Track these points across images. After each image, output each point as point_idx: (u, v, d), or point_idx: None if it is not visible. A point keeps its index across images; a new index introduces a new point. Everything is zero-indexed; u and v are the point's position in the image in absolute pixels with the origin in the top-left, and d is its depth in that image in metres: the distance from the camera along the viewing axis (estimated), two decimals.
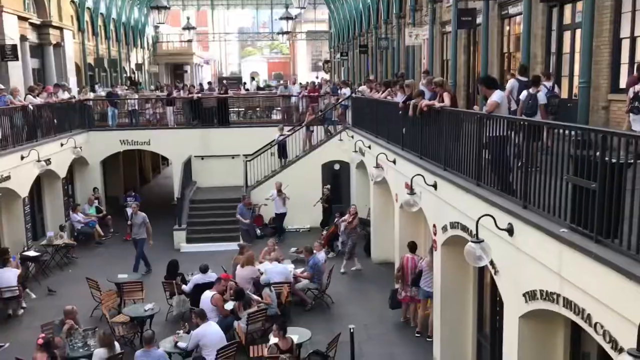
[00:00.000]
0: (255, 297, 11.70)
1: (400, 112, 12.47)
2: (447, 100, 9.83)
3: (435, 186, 9.78)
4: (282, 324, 9.67)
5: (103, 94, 25.30)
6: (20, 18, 22.59)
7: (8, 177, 14.69)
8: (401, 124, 12.73)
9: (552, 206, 6.10)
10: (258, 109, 25.80)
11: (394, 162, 12.86)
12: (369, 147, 15.81)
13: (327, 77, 46.54)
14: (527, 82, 10.47)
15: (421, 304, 11.71)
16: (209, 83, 31.03)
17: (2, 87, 16.34)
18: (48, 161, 16.50)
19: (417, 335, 11.65)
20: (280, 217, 18.69)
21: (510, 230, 6.75)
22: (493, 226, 6.86)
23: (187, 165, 20.81)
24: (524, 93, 10.05)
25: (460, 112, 9.40)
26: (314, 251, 13.73)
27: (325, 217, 18.93)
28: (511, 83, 10.95)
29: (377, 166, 13.00)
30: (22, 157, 15.27)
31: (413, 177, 9.85)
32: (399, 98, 12.99)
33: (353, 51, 40.47)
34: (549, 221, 6.10)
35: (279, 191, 18.35)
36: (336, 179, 20.79)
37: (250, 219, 17.99)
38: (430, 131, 10.69)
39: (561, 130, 6.21)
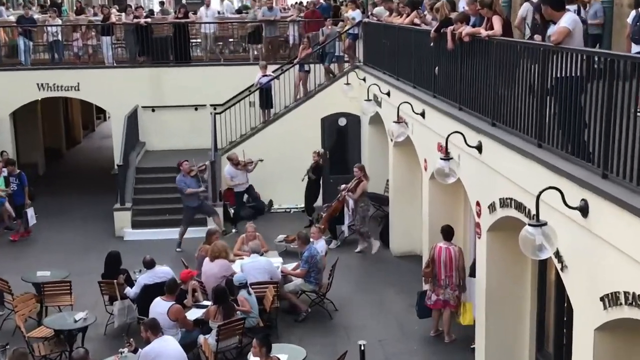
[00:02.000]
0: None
1: (432, 43, 12.38)
2: (497, 27, 9.75)
3: (479, 148, 9.77)
4: (264, 339, 9.73)
5: (12, 18, 25.03)
6: None
7: None
8: (433, 62, 12.64)
9: None
10: (232, 40, 25.57)
11: (423, 114, 12.82)
12: (388, 93, 15.76)
13: None
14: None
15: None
16: (161, 3, 30.68)
17: None
18: None
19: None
20: (248, 191, 18.63)
21: (584, 209, 6.76)
22: (560, 204, 6.87)
23: (132, 120, 20.75)
24: (633, 13, 9.97)
25: (516, 43, 9.33)
26: (311, 239, 13.78)
27: (310, 195, 18.77)
28: (525, 7, 11.04)
29: (399, 121, 12.96)
30: None
31: (449, 135, 9.82)
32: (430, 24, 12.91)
33: None
34: (639, 196, 6.10)
35: (237, 164, 18.18)
36: (342, 139, 20.76)
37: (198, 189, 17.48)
38: (473, 71, 10.63)
39: None
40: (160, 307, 11.12)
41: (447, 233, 12.01)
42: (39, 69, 21.80)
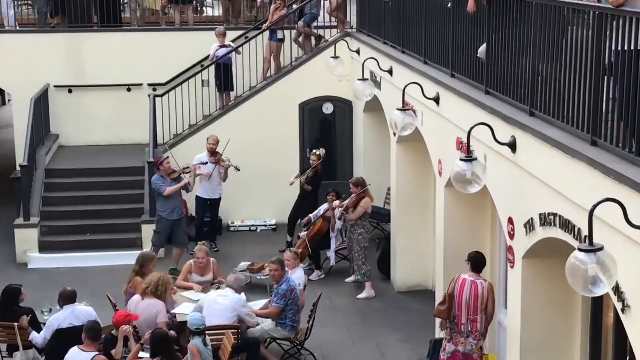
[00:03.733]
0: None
1: (449, 4, 12.46)
2: None
3: (512, 146, 9.82)
4: None
5: None
6: None
7: None
8: (451, 28, 12.71)
9: None
10: None
11: (437, 100, 12.90)
12: (390, 71, 15.83)
13: None
14: None
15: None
16: None
17: None
18: None
19: None
20: (214, 205, 18.60)
21: None
22: (621, 221, 6.90)
23: (42, 105, 20.71)
24: None
25: (563, 4, 9.40)
26: (286, 268, 13.79)
27: (299, 210, 18.67)
28: None
29: (405, 108, 13.00)
30: None
31: (472, 128, 9.87)
32: None
33: None
34: None
35: (214, 154, 18.08)
36: (327, 131, 20.85)
37: (179, 205, 17.42)
38: (506, 42, 10.71)
39: None
40: (78, 358, 11.09)
41: (478, 262, 11.86)
42: None
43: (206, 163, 17.99)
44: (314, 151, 18.73)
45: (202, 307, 12.82)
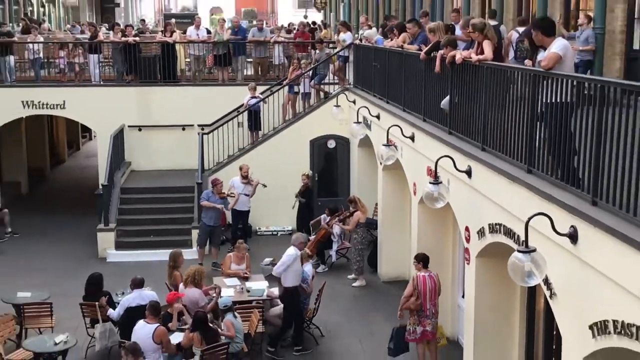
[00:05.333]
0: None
1: (422, 67, 12.49)
2: (488, 52, 9.83)
3: (469, 173, 9.82)
4: None
5: None
6: None
7: None
8: (423, 85, 12.73)
9: (633, 203, 6.13)
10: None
11: (412, 138, 12.90)
12: (377, 116, 15.83)
13: (319, 17, 46.45)
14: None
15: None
16: (142, 21, 30.66)
17: None
18: None
19: None
20: (243, 216, 18.50)
21: (573, 236, 6.79)
22: (549, 230, 6.89)
23: (118, 140, 20.76)
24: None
25: (506, 67, 9.41)
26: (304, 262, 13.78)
27: (302, 218, 18.75)
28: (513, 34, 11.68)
29: (389, 144, 13.00)
30: None
31: (438, 159, 9.87)
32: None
33: None
34: (627, 224, 6.13)
35: (245, 178, 18.11)
36: (330, 161, 20.81)
37: (218, 216, 17.44)
38: (463, 95, 10.71)
39: None
40: (143, 330, 11.04)
41: (426, 260, 11.77)
42: (24, 87, 21.78)
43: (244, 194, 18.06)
44: (304, 172, 18.94)
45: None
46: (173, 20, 32.96)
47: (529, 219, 6.90)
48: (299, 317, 13.08)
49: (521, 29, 12.62)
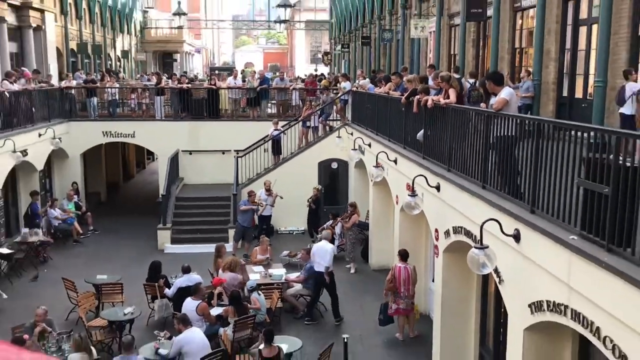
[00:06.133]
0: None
1: (403, 108, 12.50)
2: (452, 97, 9.84)
3: (438, 188, 9.79)
4: (268, 332, 9.65)
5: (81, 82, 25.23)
6: None
7: None
8: (403, 121, 12.75)
9: (562, 212, 6.11)
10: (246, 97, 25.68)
11: (395, 161, 12.88)
12: (369, 145, 15.82)
13: (326, 70, 46.58)
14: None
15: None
16: (184, 73, 30.76)
17: None
18: (24, 152, 16.46)
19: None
20: (266, 219, 18.47)
21: (516, 237, 6.76)
22: (499, 232, 6.86)
23: (174, 161, 20.81)
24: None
25: (466, 109, 9.41)
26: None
27: (311, 221, 18.80)
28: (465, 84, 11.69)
29: (377, 165, 13.00)
30: None
31: (415, 177, 9.85)
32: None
33: (355, 43, 40.48)
34: (558, 227, 6.10)
35: (268, 191, 18.19)
36: (334, 178, 20.79)
37: (250, 219, 17.54)
38: (434, 129, 10.70)
39: (573, 132, 6.22)
40: (190, 304, 11.04)
41: (404, 255, 11.88)
42: (104, 121, 21.89)
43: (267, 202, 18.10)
44: (315, 186, 19.09)
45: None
46: (216, 71, 33.11)
47: (483, 223, 6.87)
48: (317, 295, 13.05)
49: (471, 80, 12.90)
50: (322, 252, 12.89)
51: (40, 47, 27.07)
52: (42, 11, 27.07)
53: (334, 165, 20.61)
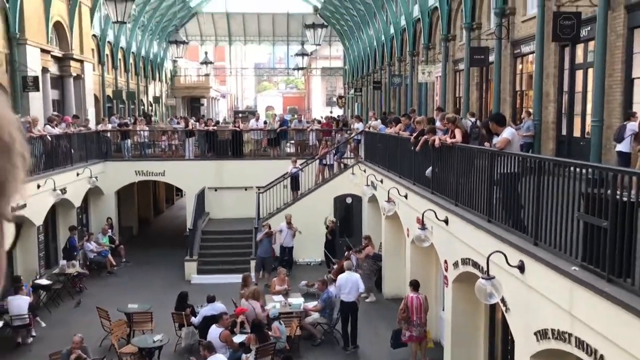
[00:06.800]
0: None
1: (412, 147, 12.55)
2: (458, 137, 9.86)
3: (446, 222, 9.74)
4: (288, 358, 9.55)
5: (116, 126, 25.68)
6: (43, 50, 23.16)
7: (24, 206, 14.85)
8: (413, 159, 12.77)
9: (564, 244, 6.04)
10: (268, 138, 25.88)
11: (406, 196, 12.85)
12: (381, 181, 15.82)
13: (340, 111, 46.94)
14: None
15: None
16: (202, 116, 31.26)
17: (28, 119, 16.62)
18: (64, 190, 16.69)
19: None
20: (289, 250, 18.47)
21: (521, 268, 6.68)
22: (504, 263, 6.80)
23: (201, 197, 20.92)
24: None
25: (471, 148, 9.42)
26: (328, 284, 13.63)
27: (328, 251, 18.70)
28: (466, 122, 11.89)
29: (389, 200, 12.98)
30: (39, 186, 15.47)
31: (424, 212, 9.82)
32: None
33: (367, 87, 40.89)
34: (560, 259, 6.03)
35: (289, 224, 18.24)
36: (348, 212, 20.75)
37: (269, 250, 17.60)
38: (442, 167, 10.70)
39: (572, 168, 6.20)
40: (215, 332, 10.99)
41: (415, 285, 11.76)
42: (137, 161, 22.17)
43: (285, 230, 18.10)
44: (331, 219, 19.21)
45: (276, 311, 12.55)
46: (240, 115, 33.55)
47: (489, 255, 6.81)
48: (345, 325, 12.87)
49: (472, 119, 13.20)
50: (351, 283, 12.78)
51: (79, 94, 27.68)
52: (81, 62, 27.76)
53: (349, 200, 20.59)
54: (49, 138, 16.83)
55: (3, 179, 0.56)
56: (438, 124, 12.42)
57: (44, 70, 23.56)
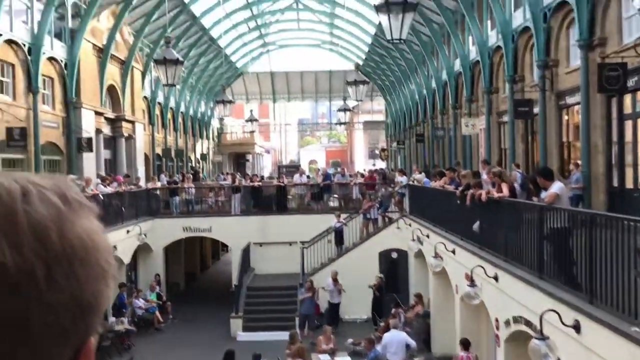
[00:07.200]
0: None
1: (458, 201, 12.45)
2: (505, 191, 9.78)
3: (496, 278, 9.53)
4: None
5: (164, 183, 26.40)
6: (97, 113, 24.32)
7: None
8: (460, 213, 12.65)
9: (621, 302, 5.84)
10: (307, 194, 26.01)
11: (453, 252, 12.66)
12: (427, 235, 15.65)
13: (383, 164, 47.06)
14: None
15: None
16: (246, 174, 32.10)
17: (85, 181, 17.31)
18: (114, 248, 17.15)
19: None
20: (335, 307, 18.30)
21: (577, 327, 6.46)
22: (558, 322, 6.59)
23: (246, 252, 21.09)
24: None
25: (519, 202, 9.31)
26: (375, 343, 13.38)
27: (375, 308, 18.42)
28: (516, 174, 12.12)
29: (436, 256, 12.81)
30: None
31: (473, 268, 9.66)
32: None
33: (410, 139, 41.01)
34: (618, 319, 5.82)
35: (335, 280, 18.16)
36: (394, 267, 20.50)
37: (311, 307, 17.57)
38: (489, 221, 10.56)
39: (626, 222, 6.05)
40: None
41: (466, 344, 11.43)
42: (184, 217, 22.64)
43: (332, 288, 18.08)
44: (378, 275, 18.96)
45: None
46: (284, 169, 34.08)
47: (542, 313, 6.62)
48: None
49: (518, 170, 13.60)
50: (397, 342, 12.56)
51: (130, 153, 28.72)
52: (133, 122, 28.94)
53: (394, 255, 20.38)
54: (101, 197, 17.46)
55: (99, 300, 0.64)
56: (485, 177, 12.34)
57: (97, 131, 24.64)
